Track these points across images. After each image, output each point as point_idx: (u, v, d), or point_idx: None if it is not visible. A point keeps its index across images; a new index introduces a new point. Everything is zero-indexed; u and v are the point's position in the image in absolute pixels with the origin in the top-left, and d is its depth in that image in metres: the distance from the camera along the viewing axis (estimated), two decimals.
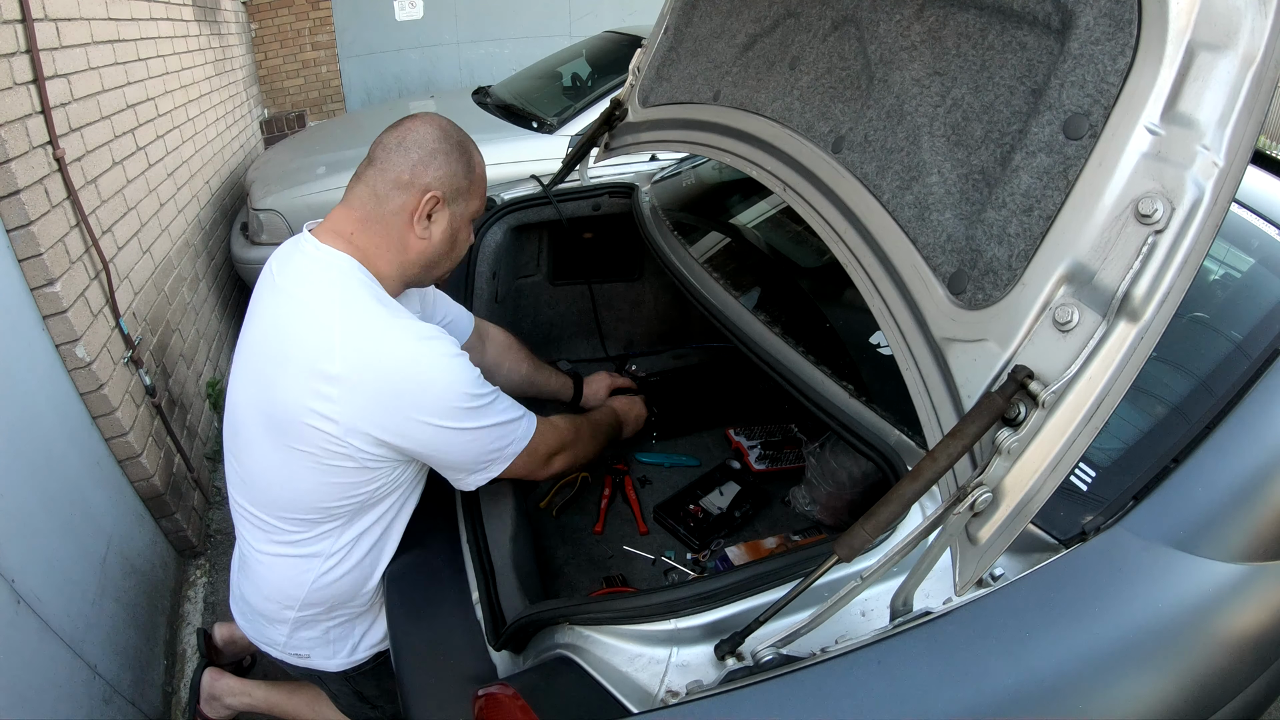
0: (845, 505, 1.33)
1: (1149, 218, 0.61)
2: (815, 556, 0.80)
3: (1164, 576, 0.85)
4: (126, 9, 2.38)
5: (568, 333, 2.02)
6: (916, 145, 0.89)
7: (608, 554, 1.36)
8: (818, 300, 1.49)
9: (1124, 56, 0.65)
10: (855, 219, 0.97)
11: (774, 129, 1.19)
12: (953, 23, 0.88)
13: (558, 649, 0.84)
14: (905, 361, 0.85)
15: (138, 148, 2.30)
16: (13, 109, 1.53)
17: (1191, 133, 0.60)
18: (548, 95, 3.68)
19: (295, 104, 5.78)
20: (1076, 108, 0.69)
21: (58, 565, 1.45)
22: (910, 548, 0.71)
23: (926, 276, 0.83)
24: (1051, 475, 0.67)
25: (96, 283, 1.81)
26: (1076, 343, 0.65)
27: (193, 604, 1.99)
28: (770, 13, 1.26)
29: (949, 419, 0.77)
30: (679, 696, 0.74)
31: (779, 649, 0.75)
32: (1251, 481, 0.93)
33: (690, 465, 1.58)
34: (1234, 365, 1.06)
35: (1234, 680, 0.88)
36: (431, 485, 1.20)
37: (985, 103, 0.81)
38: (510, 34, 6.17)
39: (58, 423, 1.59)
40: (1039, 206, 0.71)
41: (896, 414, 0.98)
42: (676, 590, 0.82)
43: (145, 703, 1.61)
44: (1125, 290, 0.62)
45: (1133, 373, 0.63)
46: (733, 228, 1.79)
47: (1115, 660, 0.79)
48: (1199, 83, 0.61)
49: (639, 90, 1.62)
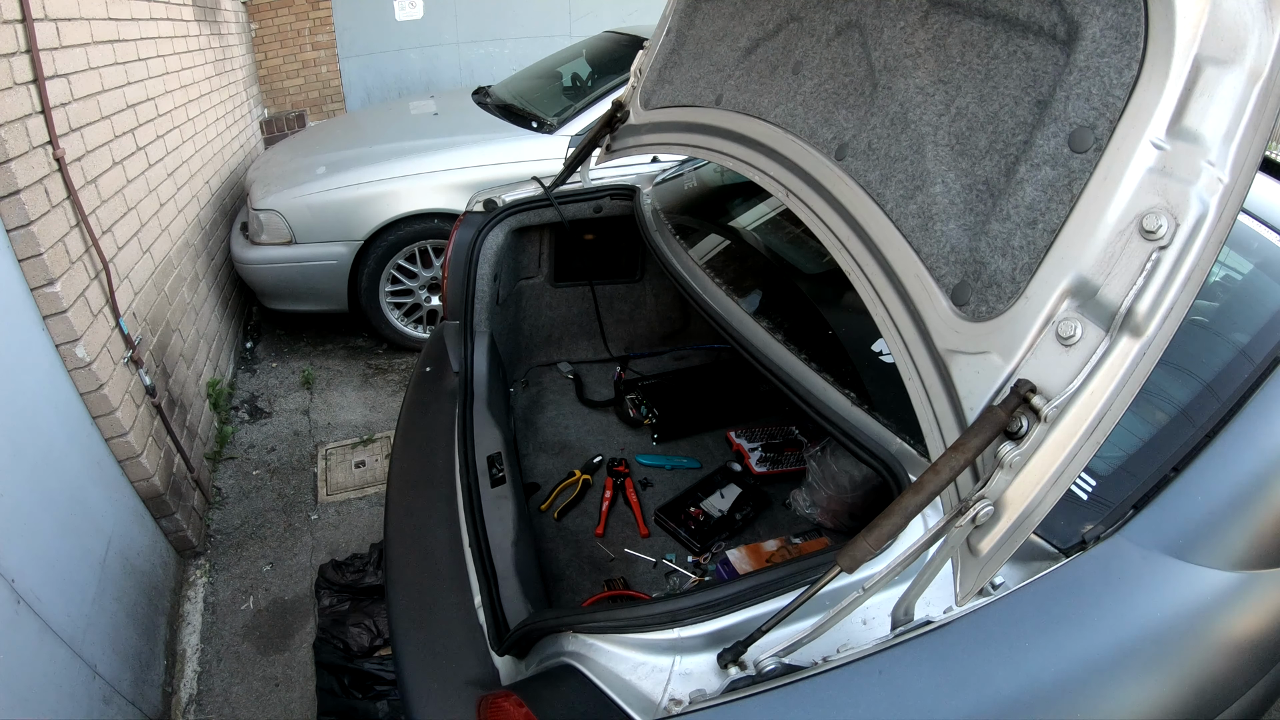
0: (846, 508, 1.33)
1: (1153, 234, 0.61)
2: (817, 566, 0.81)
3: (1163, 585, 0.86)
4: (126, 9, 2.37)
5: (569, 334, 2.03)
6: (920, 154, 0.89)
7: (609, 557, 1.36)
8: (819, 306, 1.49)
9: (1130, 70, 0.65)
10: (858, 227, 0.97)
11: (777, 134, 1.18)
12: (957, 30, 0.88)
13: (561, 656, 0.84)
14: (908, 371, 0.85)
15: (138, 148, 2.30)
16: (13, 109, 1.52)
17: (1197, 148, 0.60)
18: (548, 95, 3.68)
19: (295, 104, 5.77)
20: (1082, 120, 0.69)
21: (58, 565, 1.45)
22: (912, 558, 0.71)
23: (930, 287, 0.83)
24: (1053, 489, 0.67)
25: (96, 283, 1.81)
26: (1079, 357, 0.65)
27: (193, 604, 1.99)
28: (773, 17, 1.25)
29: (951, 430, 0.77)
30: (682, 705, 0.75)
31: (781, 658, 0.75)
32: (1250, 490, 0.94)
33: (691, 468, 1.58)
34: (1234, 374, 1.06)
35: (1231, 687, 0.89)
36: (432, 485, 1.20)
37: (990, 113, 0.81)
38: (510, 34, 6.16)
39: (58, 423, 1.59)
40: (1043, 220, 0.71)
41: (898, 422, 0.98)
42: (679, 599, 0.82)
43: (145, 703, 1.61)
44: (1128, 306, 0.62)
45: (1135, 388, 0.63)
46: (734, 231, 1.79)
47: (1115, 668, 0.79)
48: (1205, 98, 0.60)
49: (641, 92, 1.61)
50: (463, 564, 1.15)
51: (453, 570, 1.16)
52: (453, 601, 1.13)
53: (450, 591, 1.14)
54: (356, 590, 1.97)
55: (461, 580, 1.15)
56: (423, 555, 1.23)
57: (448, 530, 1.22)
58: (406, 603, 1.17)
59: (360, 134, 3.48)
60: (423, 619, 1.15)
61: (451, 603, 1.13)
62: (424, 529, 1.24)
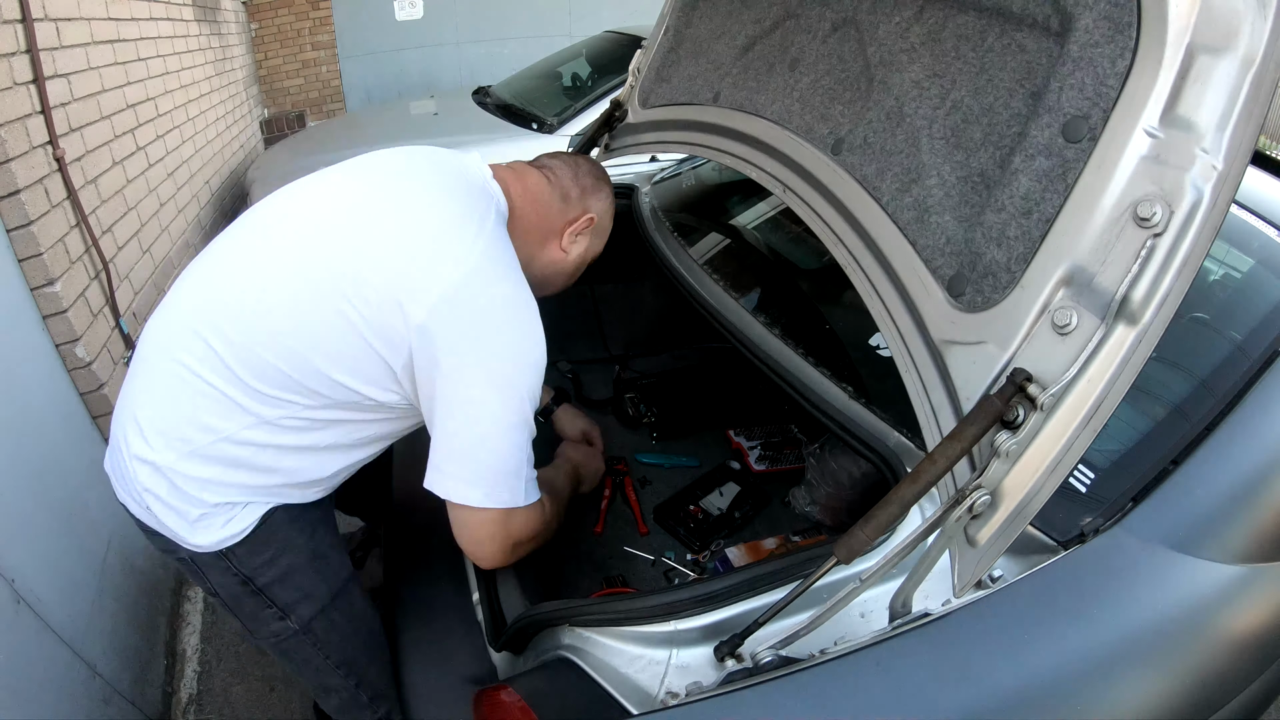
0: (845, 506, 1.33)
1: (1148, 221, 0.61)
2: (815, 558, 0.81)
3: (1163, 578, 0.85)
4: (126, 9, 2.38)
5: (568, 333, 2.02)
6: (916, 147, 0.89)
7: (608, 555, 1.36)
8: (817, 302, 1.49)
9: (1123, 59, 0.65)
10: (855, 221, 0.97)
11: (774, 131, 1.19)
12: (952, 25, 0.88)
13: (558, 650, 0.84)
14: (904, 364, 0.85)
15: (138, 148, 2.30)
16: (13, 109, 1.53)
17: (1191, 136, 0.60)
18: (548, 95, 3.69)
19: (295, 104, 5.79)
20: (1076, 110, 0.69)
21: (58, 565, 1.45)
22: (909, 550, 0.71)
23: (926, 279, 0.83)
24: (1050, 478, 0.67)
25: (96, 283, 1.81)
26: (1075, 345, 0.65)
27: (192, 604, 1.99)
28: (770, 14, 1.26)
29: (948, 421, 0.77)
30: (679, 698, 0.74)
31: (778, 650, 0.75)
32: (1250, 482, 0.93)
33: (690, 466, 1.58)
34: (1233, 366, 1.06)
35: (1233, 681, 0.88)
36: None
37: (984, 105, 0.81)
38: (510, 34, 6.18)
39: (58, 423, 1.59)
40: (1038, 209, 0.71)
41: (896, 416, 0.98)
42: (676, 592, 0.82)
43: (145, 703, 1.61)
44: (1124, 293, 0.62)
45: (1131, 375, 0.63)
46: (732, 229, 1.79)
47: (1115, 661, 0.79)
48: (1198, 85, 0.61)
49: (639, 91, 1.62)
50: (461, 561, 1.15)
51: (450, 568, 1.16)
52: (450, 599, 1.13)
53: (448, 589, 1.15)
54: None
55: (459, 577, 1.15)
56: (421, 552, 1.23)
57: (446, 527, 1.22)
58: (403, 600, 1.17)
59: (360, 134, 3.49)
60: (420, 616, 1.15)
61: (449, 600, 1.13)
62: (423, 526, 1.24)
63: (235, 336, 0.87)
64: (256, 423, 0.89)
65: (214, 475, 0.90)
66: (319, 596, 1.03)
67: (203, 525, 0.92)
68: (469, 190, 0.94)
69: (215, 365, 0.88)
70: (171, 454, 0.89)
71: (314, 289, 0.86)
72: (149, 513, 0.93)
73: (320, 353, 0.87)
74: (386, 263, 0.86)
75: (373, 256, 0.86)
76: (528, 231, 1.00)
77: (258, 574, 0.98)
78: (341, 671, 1.10)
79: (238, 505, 0.94)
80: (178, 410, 0.89)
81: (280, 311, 0.87)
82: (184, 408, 0.89)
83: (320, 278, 0.86)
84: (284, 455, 0.93)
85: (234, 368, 0.87)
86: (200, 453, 0.89)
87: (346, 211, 0.91)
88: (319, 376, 0.87)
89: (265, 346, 0.87)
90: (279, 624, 1.02)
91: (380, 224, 0.89)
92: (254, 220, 0.97)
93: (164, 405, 0.90)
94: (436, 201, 0.91)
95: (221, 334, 0.88)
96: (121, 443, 0.93)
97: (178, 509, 0.91)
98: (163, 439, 0.89)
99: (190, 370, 0.88)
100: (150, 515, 0.94)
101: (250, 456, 0.91)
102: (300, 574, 1.01)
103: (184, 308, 0.93)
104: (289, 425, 0.90)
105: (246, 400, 0.88)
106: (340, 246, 0.88)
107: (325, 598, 1.04)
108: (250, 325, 0.87)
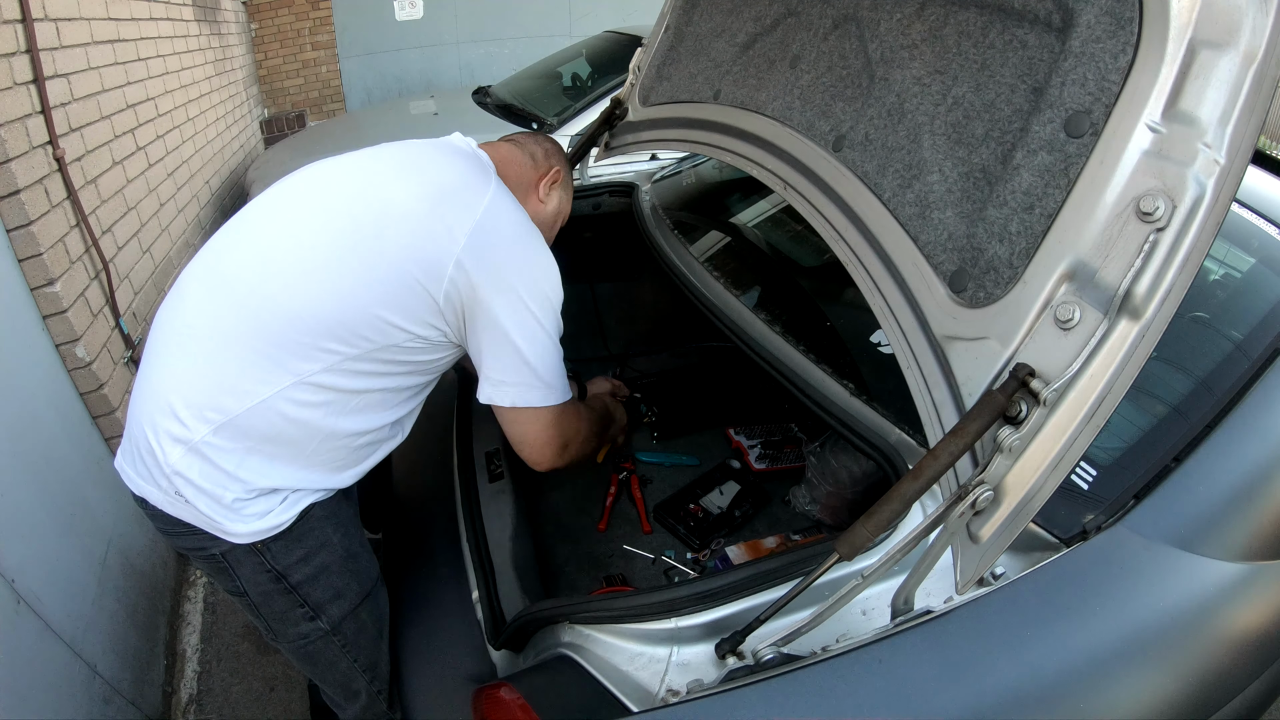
0: (846, 504, 1.32)
1: (1150, 215, 0.61)
2: (816, 555, 0.80)
3: (1165, 575, 0.85)
4: (126, 9, 2.38)
5: (568, 332, 2.02)
6: (917, 143, 0.89)
7: (608, 553, 1.36)
8: (818, 299, 1.49)
9: (1125, 54, 0.65)
10: (856, 217, 0.97)
11: (775, 128, 1.19)
12: (953, 21, 0.88)
13: (558, 648, 0.84)
14: (906, 360, 0.85)
15: (138, 147, 2.30)
16: (13, 109, 1.53)
17: (1193, 130, 0.60)
18: (548, 95, 3.68)
19: (295, 104, 5.78)
20: (1078, 106, 0.69)
21: (58, 565, 1.45)
22: (911, 546, 0.71)
23: (927, 275, 0.83)
24: (1053, 473, 0.66)
25: (96, 283, 1.81)
26: (1078, 341, 0.65)
27: (193, 604, 1.99)
28: (771, 11, 1.26)
29: (950, 417, 0.77)
30: (680, 695, 0.74)
31: (780, 648, 0.75)
32: (1253, 480, 0.93)
33: (690, 465, 1.58)
34: (1235, 364, 1.06)
35: (1235, 679, 0.88)
36: (431, 487, 1.20)
37: (986, 101, 0.81)
38: (510, 34, 6.18)
39: (58, 423, 1.59)
40: (1040, 204, 0.71)
41: (897, 412, 0.98)
42: (677, 589, 0.81)
43: (145, 703, 1.61)
44: (1127, 288, 0.62)
45: (1134, 371, 0.63)
46: (733, 227, 1.79)
47: (1117, 659, 0.79)
48: (1200, 80, 0.60)
49: (639, 89, 1.62)
50: (460, 559, 1.15)
51: (450, 566, 1.16)
52: (450, 597, 1.13)
53: (448, 587, 1.14)
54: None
55: (459, 576, 1.15)
56: (420, 551, 1.23)
57: (445, 526, 1.22)
58: (403, 598, 1.17)
59: (360, 134, 3.49)
60: (420, 615, 1.14)
61: (449, 598, 1.13)
62: (422, 524, 1.24)
63: (275, 291, 0.90)
64: (295, 383, 0.89)
65: (250, 448, 0.90)
66: (351, 596, 1.03)
67: (238, 512, 0.91)
68: (465, 155, 1.06)
69: (253, 326, 0.89)
70: (206, 427, 0.88)
71: (356, 229, 0.92)
72: (179, 500, 0.90)
73: (369, 292, 0.91)
74: (422, 203, 0.94)
75: (409, 197, 0.94)
76: (512, 187, 1.09)
77: (291, 571, 0.96)
78: (367, 675, 1.09)
79: (273, 496, 0.93)
80: (211, 379, 0.89)
81: (323, 256, 0.91)
82: (218, 375, 0.89)
83: (362, 219, 0.93)
84: (318, 418, 0.92)
85: (271, 324, 0.89)
86: (235, 423, 0.88)
87: (371, 173, 1.01)
88: (364, 316, 0.90)
89: (310, 296, 0.90)
90: (309, 624, 1.01)
91: (407, 176, 0.98)
92: (271, 197, 1.03)
93: (196, 379, 0.90)
94: (447, 160, 1.02)
95: (258, 292, 0.90)
96: (147, 430, 0.91)
97: (211, 493, 0.89)
98: (195, 413, 0.89)
99: (225, 336, 0.90)
100: (180, 503, 0.91)
101: (285, 427, 0.91)
102: (334, 573, 1.00)
103: (209, 281, 0.95)
104: (325, 383, 0.91)
105: (284, 356, 0.89)
106: (375, 194, 0.96)
107: (357, 598, 1.03)
108: (291, 279, 0.90)
